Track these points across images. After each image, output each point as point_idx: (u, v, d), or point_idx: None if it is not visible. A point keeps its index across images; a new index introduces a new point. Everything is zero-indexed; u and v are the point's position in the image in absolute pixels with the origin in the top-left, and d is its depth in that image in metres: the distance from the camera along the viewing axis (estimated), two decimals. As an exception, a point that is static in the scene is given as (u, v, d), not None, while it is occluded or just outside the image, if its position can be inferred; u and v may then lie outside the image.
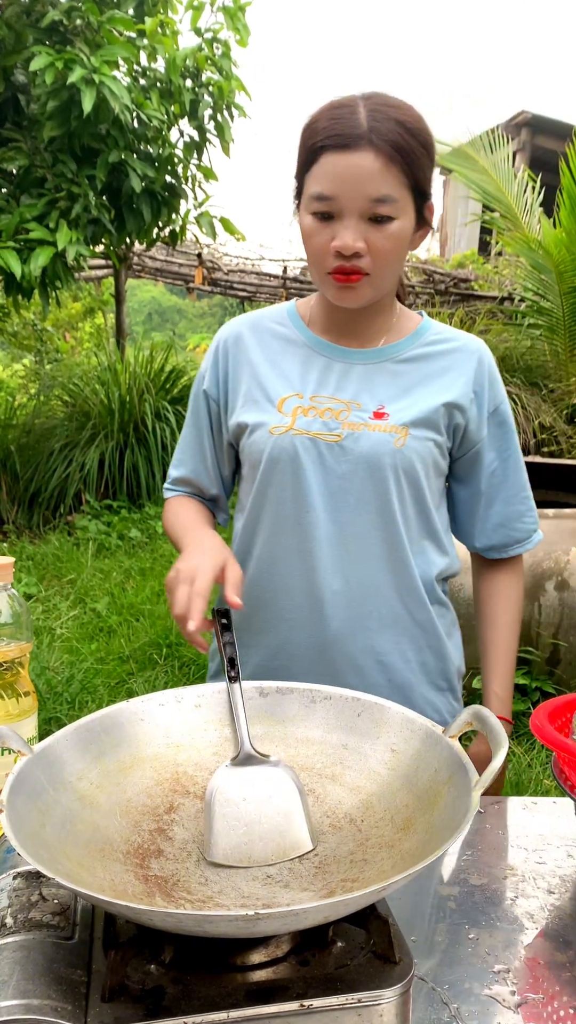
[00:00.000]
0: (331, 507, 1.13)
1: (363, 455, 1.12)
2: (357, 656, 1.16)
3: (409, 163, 1.03)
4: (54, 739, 0.81)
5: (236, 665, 0.91)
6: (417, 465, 1.13)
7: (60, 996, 0.61)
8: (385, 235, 1.04)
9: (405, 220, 1.06)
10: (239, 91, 4.98)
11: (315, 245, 1.07)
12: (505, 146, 6.58)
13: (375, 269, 1.06)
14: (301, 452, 1.13)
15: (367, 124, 1.01)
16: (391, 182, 1.03)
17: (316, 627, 1.16)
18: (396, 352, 1.17)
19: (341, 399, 1.14)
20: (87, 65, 3.99)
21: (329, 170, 1.03)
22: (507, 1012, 0.74)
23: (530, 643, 3.15)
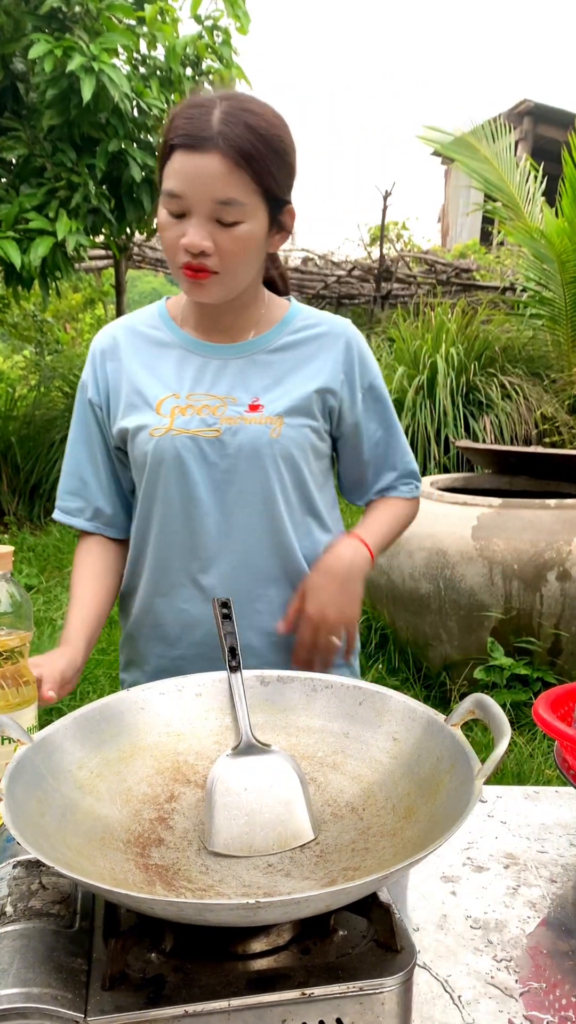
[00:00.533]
0: (217, 500, 1.17)
1: (242, 447, 1.15)
2: (252, 641, 1.19)
3: (257, 169, 1.05)
4: (54, 728, 0.80)
5: (237, 655, 0.92)
6: (294, 452, 1.18)
7: (60, 984, 0.61)
8: (231, 237, 1.07)
9: (254, 224, 1.08)
10: (239, 79, 4.94)
11: (167, 239, 1.10)
12: (507, 135, 6.54)
13: (223, 268, 1.09)
14: (182, 451, 1.16)
15: (217, 127, 1.04)
16: (237, 186, 1.05)
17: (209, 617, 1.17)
18: (265, 343, 1.21)
19: (217, 395, 1.17)
20: (86, 53, 3.96)
21: (178, 168, 1.05)
22: (509, 1000, 0.74)
23: (531, 633, 3.15)
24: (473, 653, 3.23)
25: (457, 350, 5.96)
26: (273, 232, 1.13)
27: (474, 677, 3.19)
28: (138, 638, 1.28)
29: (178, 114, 1.07)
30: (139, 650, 1.27)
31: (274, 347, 1.20)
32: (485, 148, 6.43)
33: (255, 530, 1.18)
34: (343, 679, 0.90)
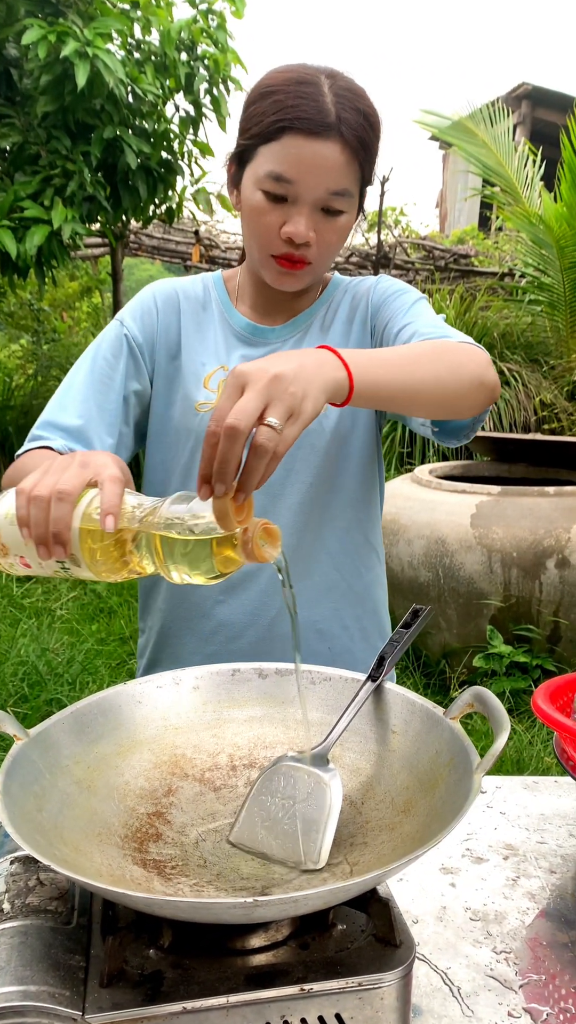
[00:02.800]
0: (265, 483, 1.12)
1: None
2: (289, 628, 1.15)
3: (368, 159, 1.02)
4: (50, 723, 0.80)
5: (384, 665, 0.85)
6: (342, 428, 1.12)
7: (58, 982, 0.61)
8: (333, 227, 1.04)
9: (352, 213, 1.06)
10: (235, 64, 4.89)
11: (263, 225, 1.03)
12: (505, 119, 6.49)
13: (318, 258, 1.06)
14: None
15: (336, 112, 0.98)
16: (350, 177, 1.01)
17: (253, 602, 1.15)
18: (308, 319, 1.16)
19: None
20: (80, 38, 3.91)
21: (293, 153, 0.98)
22: (509, 992, 0.74)
23: (530, 621, 3.15)
24: (472, 641, 3.23)
25: (455, 337, 5.92)
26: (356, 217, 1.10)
27: (473, 665, 3.19)
28: (167, 637, 1.21)
29: (283, 90, 0.98)
30: (170, 650, 1.20)
31: (316, 322, 1.16)
32: (483, 132, 6.38)
33: (300, 511, 1.12)
34: (341, 672, 0.89)
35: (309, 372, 0.74)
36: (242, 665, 0.93)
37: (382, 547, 1.24)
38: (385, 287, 1.16)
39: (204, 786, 0.83)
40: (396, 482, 3.80)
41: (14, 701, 3.00)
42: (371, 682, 0.85)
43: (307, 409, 0.72)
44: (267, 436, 0.68)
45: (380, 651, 0.87)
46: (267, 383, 0.69)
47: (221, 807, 0.81)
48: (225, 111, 4.98)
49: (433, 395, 0.89)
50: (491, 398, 0.97)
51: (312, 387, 0.73)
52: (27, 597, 4.12)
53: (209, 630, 1.16)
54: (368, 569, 1.20)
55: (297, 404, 0.71)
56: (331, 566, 1.16)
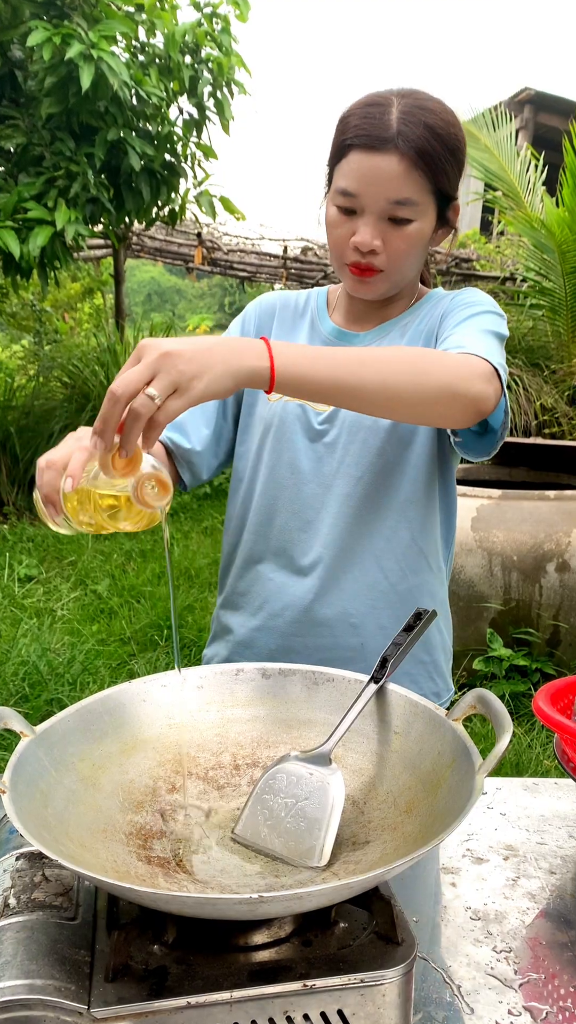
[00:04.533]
0: (316, 471, 1.17)
1: (346, 420, 1.16)
2: (331, 618, 1.18)
3: (432, 169, 1.06)
4: (56, 720, 0.81)
5: (387, 667, 0.86)
6: (401, 430, 1.15)
7: (64, 976, 0.61)
8: (402, 236, 1.08)
9: (424, 222, 1.09)
10: (239, 67, 4.91)
11: (336, 236, 1.11)
12: (508, 124, 6.50)
13: (390, 266, 1.10)
14: (289, 418, 1.17)
15: (396, 127, 1.04)
16: (412, 186, 1.05)
17: (294, 590, 1.19)
18: (393, 326, 1.20)
19: None
20: (85, 40, 3.93)
21: (355, 168, 1.06)
22: (509, 991, 0.75)
23: (530, 624, 3.16)
24: (472, 644, 3.24)
25: (457, 341, 5.93)
26: (438, 228, 1.14)
27: (473, 668, 3.20)
28: (225, 608, 1.29)
29: (354, 112, 1.07)
30: (224, 622, 1.28)
31: (399, 326, 1.20)
32: (485, 137, 6.39)
33: (351, 506, 1.16)
34: (344, 672, 0.90)
35: (216, 355, 0.78)
36: (245, 665, 0.93)
37: (440, 558, 1.24)
38: (462, 299, 1.17)
39: (208, 784, 0.84)
40: (397, 485, 3.81)
41: (15, 701, 3.01)
42: (374, 683, 0.85)
43: (195, 388, 0.76)
44: (141, 403, 0.74)
45: (383, 653, 0.88)
46: (157, 358, 0.75)
47: (224, 805, 0.82)
48: (228, 114, 5.00)
49: (380, 396, 0.90)
50: (474, 410, 0.97)
51: (212, 369, 0.78)
52: (28, 597, 4.13)
53: (256, 605, 1.23)
54: (414, 573, 1.20)
55: (184, 381, 0.76)
56: (375, 564, 1.18)
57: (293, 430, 1.18)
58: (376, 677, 0.86)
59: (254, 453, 1.23)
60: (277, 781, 0.78)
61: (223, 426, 1.26)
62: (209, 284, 23.56)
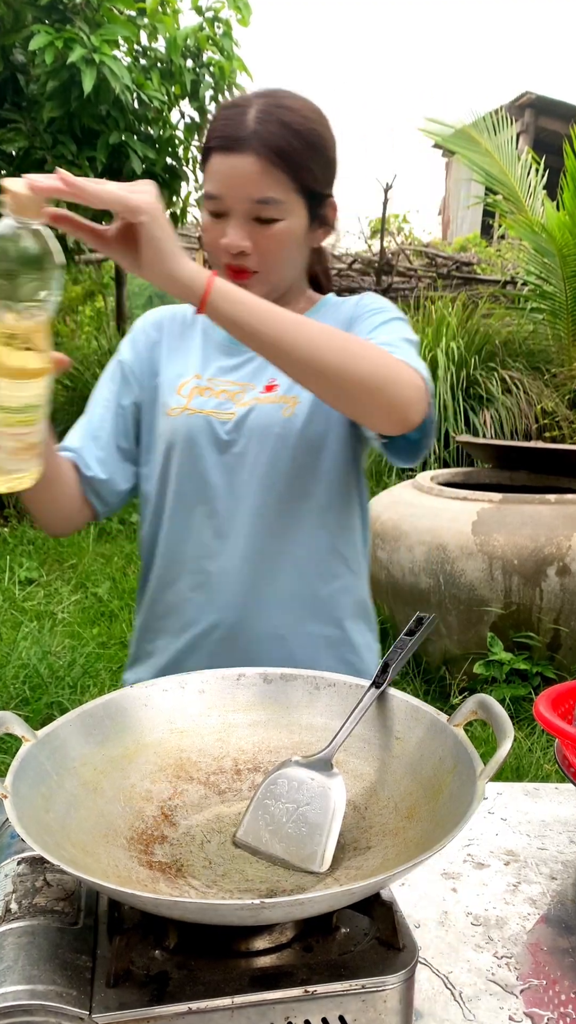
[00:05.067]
0: (227, 483, 1.15)
1: (253, 429, 1.13)
2: (258, 632, 1.16)
3: (293, 166, 1.05)
4: (58, 724, 0.81)
5: (388, 672, 0.86)
6: (311, 432, 1.13)
7: (65, 981, 0.61)
8: (270, 236, 1.07)
9: (292, 221, 1.08)
10: (240, 71, 4.92)
11: (208, 240, 1.11)
12: (508, 128, 6.51)
13: (264, 267, 1.09)
14: (194, 431, 1.15)
15: (252, 126, 1.04)
16: (273, 185, 1.05)
17: (216, 606, 1.16)
18: None
19: (238, 382, 1.17)
20: (87, 44, 3.94)
21: (216, 170, 1.07)
22: (510, 997, 0.75)
23: (531, 628, 3.16)
24: (472, 648, 3.24)
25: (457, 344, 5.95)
26: (315, 227, 1.13)
27: (473, 672, 3.20)
28: (145, 633, 1.26)
29: (217, 117, 1.09)
30: (145, 646, 1.26)
31: None
32: (486, 141, 6.40)
33: (266, 516, 1.14)
34: (346, 678, 0.90)
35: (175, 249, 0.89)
36: (247, 670, 0.94)
37: (360, 558, 1.23)
38: (366, 303, 1.18)
39: (209, 789, 0.84)
40: (397, 489, 3.81)
41: (15, 704, 3.01)
42: (375, 688, 0.85)
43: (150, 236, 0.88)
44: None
45: (384, 657, 0.88)
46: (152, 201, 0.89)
47: (226, 810, 0.82)
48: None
49: (307, 360, 0.93)
50: (399, 417, 0.98)
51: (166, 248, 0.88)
52: (29, 600, 4.13)
53: (179, 627, 1.19)
54: (336, 578, 1.19)
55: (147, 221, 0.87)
56: (296, 573, 1.16)
57: (200, 443, 1.14)
58: (377, 682, 0.86)
59: (159, 472, 1.19)
60: (278, 786, 0.78)
61: (125, 447, 1.21)
62: (210, 287, 23.52)
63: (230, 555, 1.16)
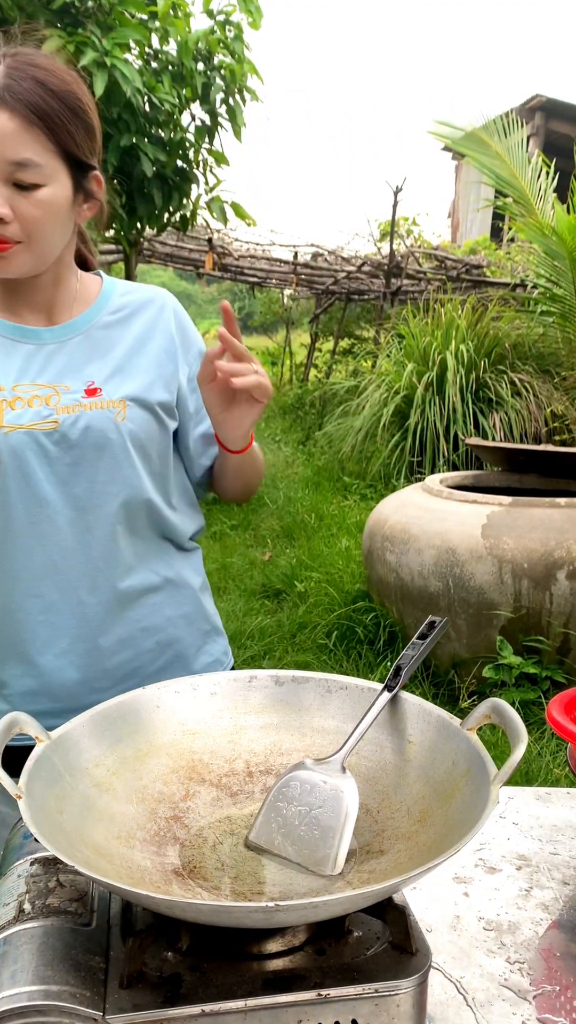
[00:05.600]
0: (66, 495, 1.09)
1: (86, 437, 1.08)
2: (120, 631, 1.15)
3: (51, 127, 0.99)
4: (71, 725, 0.81)
5: (400, 675, 0.86)
6: (143, 435, 1.12)
7: (79, 982, 0.61)
8: (32, 202, 1.01)
9: (55, 188, 1.02)
10: (251, 74, 4.93)
11: None
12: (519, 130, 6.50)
13: (28, 236, 1.02)
14: (19, 448, 1.06)
15: (3, 82, 0.97)
16: (32, 145, 0.99)
17: (74, 617, 1.13)
18: (88, 322, 1.14)
19: (45, 384, 1.09)
20: (99, 48, 3.95)
21: None
22: (522, 1003, 0.74)
23: (541, 632, 3.15)
24: (482, 651, 3.23)
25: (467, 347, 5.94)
26: (80, 200, 1.08)
27: (483, 675, 3.19)
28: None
29: None
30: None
31: (100, 325, 1.14)
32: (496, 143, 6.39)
33: (112, 518, 1.11)
34: (358, 680, 0.90)
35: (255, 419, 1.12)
36: (259, 672, 0.94)
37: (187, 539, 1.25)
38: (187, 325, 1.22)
39: (221, 791, 0.84)
40: (407, 491, 3.81)
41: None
42: (387, 692, 0.85)
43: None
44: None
45: (397, 660, 0.88)
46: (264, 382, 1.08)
47: (238, 812, 0.82)
48: (241, 121, 5.01)
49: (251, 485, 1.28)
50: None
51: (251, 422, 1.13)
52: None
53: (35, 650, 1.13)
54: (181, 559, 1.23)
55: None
56: (145, 567, 1.17)
57: (27, 460, 1.06)
58: (390, 686, 0.86)
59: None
60: (291, 789, 0.78)
61: None
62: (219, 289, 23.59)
63: (83, 569, 1.11)
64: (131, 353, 1.14)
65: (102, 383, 1.11)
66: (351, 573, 4.32)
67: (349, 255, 10.35)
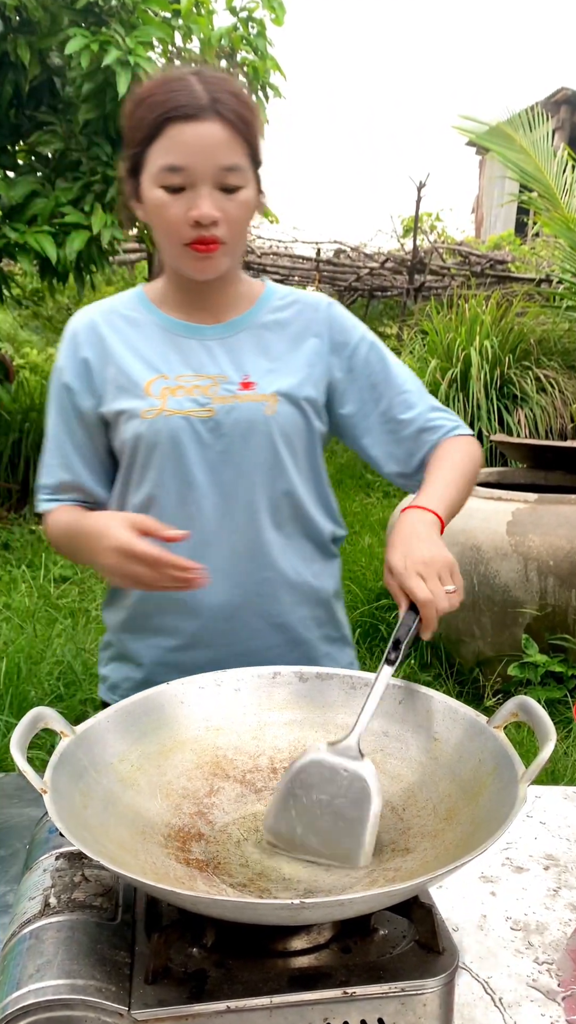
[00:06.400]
0: (214, 481, 1.15)
1: (237, 426, 1.14)
2: (252, 622, 1.18)
3: (249, 134, 1.07)
4: (95, 720, 0.81)
5: (400, 648, 0.87)
6: (290, 430, 1.17)
7: (104, 977, 0.61)
8: (236, 204, 1.07)
9: (250, 189, 1.09)
10: (274, 71, 4.91)
11: (170, 218, 1.07)
12: (544, 124, 6.43)
13: (229, 237, 1.09)
14: (177, 432, 1.14)
15: (208, 95, 1.04)
16: (238, 151, 1.06)
17: (209, 601, 1.16)
18: (249, 321, 1.20)
19: (207, 375, 1.16)
20: (122, 47, 3.96)
21: (178, 140, 1.04)
22: (551, 1004, 0.73)
23: (567, 630, 3.11)
24: (507, 650, 3.20)
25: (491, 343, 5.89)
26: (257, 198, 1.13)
27: (507, 674, 3.16)
28: (131, 633, 1.23)
29: (155, 91, 1.06)
30: (131, 646, 1.23)
31: (259, 324, 1.20)
32: (521, 137, 6.32)
33: (254, 510, 1.16)
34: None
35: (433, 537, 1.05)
36: (283, 668, 0.93)
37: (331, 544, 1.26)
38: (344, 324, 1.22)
39: (245, 787, 0.84)
40: (431, 488, 3.77)
41: (50, 700, 3.04)
42: (388, 665, 0.84)
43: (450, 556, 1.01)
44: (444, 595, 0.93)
45: (394, 633, 0.87)
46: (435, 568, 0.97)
47: (262, 808, 0.81)
48: (264, 117, 5.00)
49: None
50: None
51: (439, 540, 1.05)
52: (63, 597, 4.17)
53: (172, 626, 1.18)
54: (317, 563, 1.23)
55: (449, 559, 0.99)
56: (286, 563, 1.19)
57: (183, 444, 1.13)
58: (390, 659, 0.85)
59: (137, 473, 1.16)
60: (308, 776, 0.77)
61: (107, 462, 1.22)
62: (242, 287, 23.54)
63: (223, 551, 1.15)
64: (285, 352, 1.19)
65: (257, 378, 1.16)
66: (374, 571, 4.30)
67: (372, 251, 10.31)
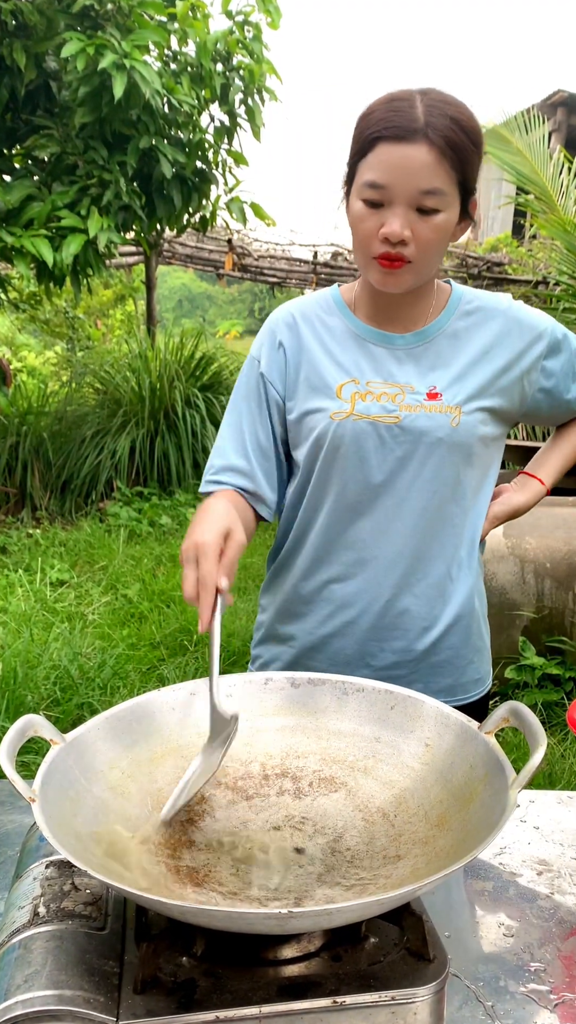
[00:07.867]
0: (390, 484, 1.19)
1: (421, 435, 1.18)
2: (402, 621, 1.23)
3: (460, 160, 1.08)
4: (86, 728, 0.81)
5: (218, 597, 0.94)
6: (472, 441, 1.20)
7: (93, 987, 0.61)
8: (430, 226, 1.09)
9: (450, 213, 1.11)
10: (270, 75, 4.91)
11: (363, 230, 1.11)
12: (540, 126, 6.43)
13: (418, 257, 1.11)
14: (362, 435, 1.18)
15: (424, 118, 1.06)
16: (441, 176, 1.07)
17: (367, 596, 1.22)
18: (437, 331, 1.22)
19: (396, 383, 1.20)
20: (118, 50, 3.96)
21: (384, 159, 1.07)
22: (543, 1011, 0.73)
23: (564, 632, 3.11)
24: (504, 652, 3.20)
25: (488, 345, 5.89)
26: (461, 222, 1.16)
27: (505, 676, 3.16)
28: (287, 615, 1.29)
29: (378, 107, 1.10)
30: (285, 627, 1.29)
31: (447, 333, 1.23)
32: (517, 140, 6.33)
33: (426, 514, 1.21)
34: (375, 683, 0.89)
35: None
36: (275, 674, 0.93)
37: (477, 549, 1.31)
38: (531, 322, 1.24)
39: (236, 794, 0.84)
40: (427, 491, 3.77)
41: (46, 705, 3.03)
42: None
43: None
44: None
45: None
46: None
47: (253, 816, 0.81)
48: (259, 121, 5.00)
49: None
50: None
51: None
52: (60, 601, 4.16)
53: (326, 613, 1.24)
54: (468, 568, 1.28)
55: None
56: (443, 567, 1.24)
57: (366, 447, 1.18)
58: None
59: (317, 470, 1.22)
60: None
61: (281, 461, 1.28)
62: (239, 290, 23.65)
63: (385, 552, 1.21)
64: (472, 362, 1.21)
65: (443, 389, 1.20)
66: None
67: (369, 254, 10.31)
